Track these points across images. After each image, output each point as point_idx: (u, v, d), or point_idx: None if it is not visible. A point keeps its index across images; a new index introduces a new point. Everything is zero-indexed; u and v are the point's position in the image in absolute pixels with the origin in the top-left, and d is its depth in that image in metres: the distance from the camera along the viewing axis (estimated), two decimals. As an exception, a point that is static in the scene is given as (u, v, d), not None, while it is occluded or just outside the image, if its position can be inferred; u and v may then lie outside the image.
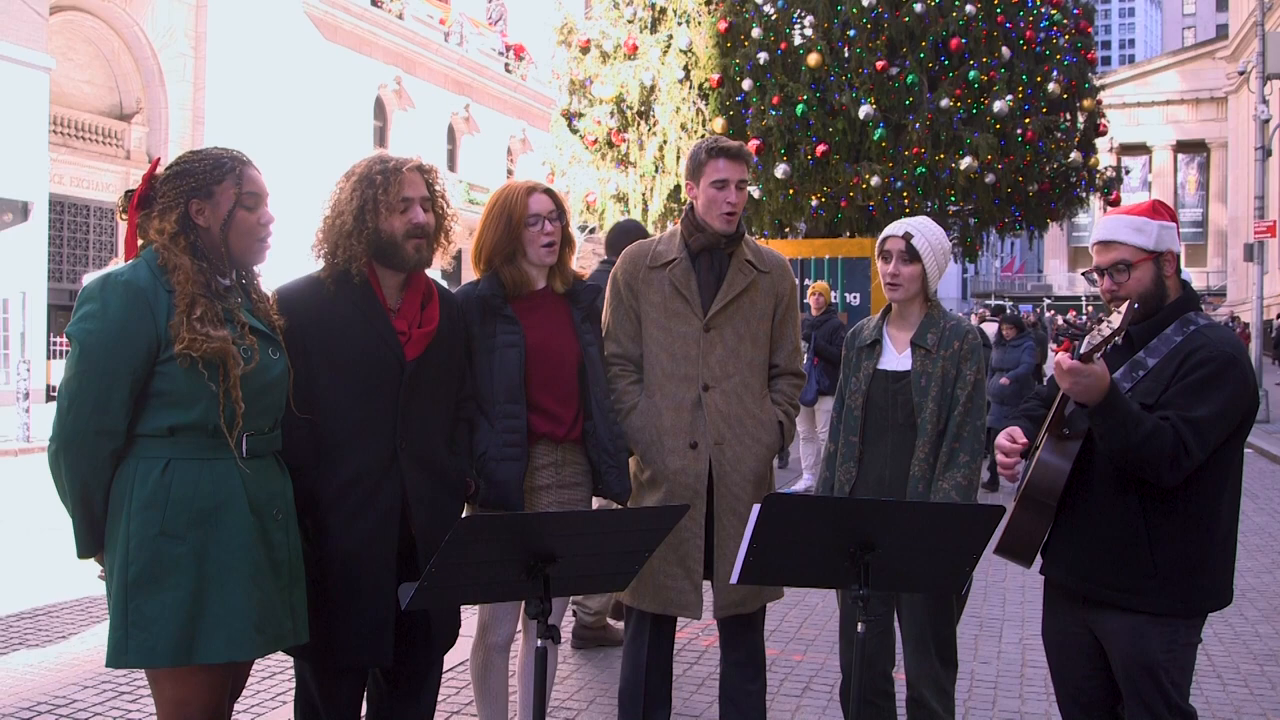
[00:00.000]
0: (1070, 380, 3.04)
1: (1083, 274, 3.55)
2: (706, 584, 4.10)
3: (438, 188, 3.62)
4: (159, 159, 3.34)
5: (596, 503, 4.28)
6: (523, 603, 3.95)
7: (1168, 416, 3.07)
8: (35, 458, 14.52)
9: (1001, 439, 3.41)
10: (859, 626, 2.90)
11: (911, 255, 3.95)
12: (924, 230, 3.99)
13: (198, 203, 3.05)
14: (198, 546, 2.93)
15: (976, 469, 3.94)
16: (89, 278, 16.19)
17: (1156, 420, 3.05)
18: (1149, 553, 3.16)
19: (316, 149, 28.22)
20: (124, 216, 3.13)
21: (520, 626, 4.31)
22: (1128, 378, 3.22)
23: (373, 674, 3.67)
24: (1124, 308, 3.14)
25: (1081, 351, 3.06)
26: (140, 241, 3.10)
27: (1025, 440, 3.38)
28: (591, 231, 22.20)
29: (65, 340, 20.21)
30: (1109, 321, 3.18)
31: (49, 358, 22.49)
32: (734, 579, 2.90)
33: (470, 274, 4.22)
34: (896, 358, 4.03)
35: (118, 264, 3.18)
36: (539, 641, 2.75)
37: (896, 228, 4.01)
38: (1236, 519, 3.29)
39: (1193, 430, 3.04)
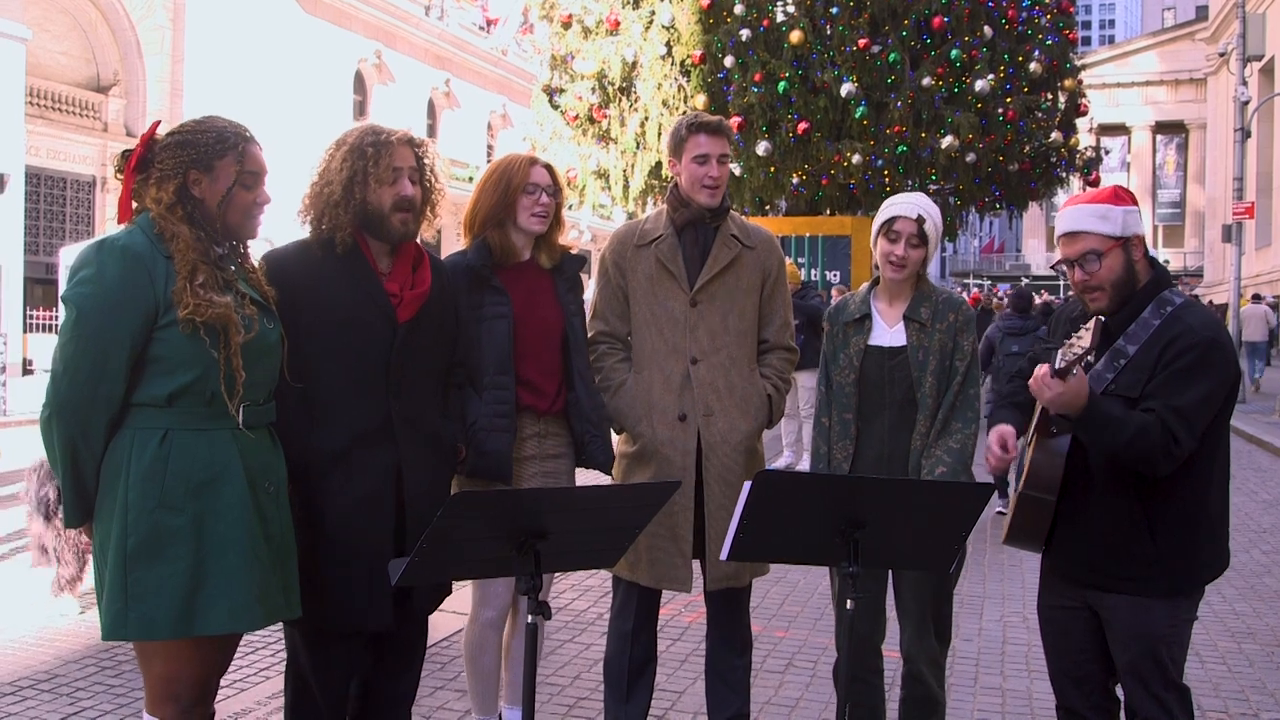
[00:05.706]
0: (1049, 396, 3.06)
1: (1052, 267, 3.53)
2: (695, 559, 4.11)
3: (427, 160, 3.60)
4: (159, 121, 3.30)
5: (578, 474, 4.28)
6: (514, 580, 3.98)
7: (1153, 408, 3.07)
8: (12, 431, 14.42)
9: (993, 442, 3.37)
10: (848, 603, 2.89)
11: (921, 239, 3.90)
12: (932, 214, 3.93)
13: (196, 174, 3.02)
14: (196, 518, 2.92)
15: (971, 436, 3.92)
16: (66, 251, 16.12)
17: (1142, 417, 3.05)
18: (1150, 541, 3.17)
19: (296, 123, 28.01)
20: (119, 177, 3.08)
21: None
22: (1109, 367, 3.20)
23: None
24: (1092, 324, 3.16)
25: (1058, 368, 3.03)
26: (135, 204, 3.06)
27: (1015, 450, 3.36)
28: (570, 208, 22.13)
29: (41, 313, 20.15)
30: (1079, 337, 3.19)
31: (25, 331, 22.34)
32: (724, 556, 2.89)
33: (451, 249, 4.20)
34: (888, 332, 3.99)
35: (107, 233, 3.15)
36: (529, 617, 2.75)
37: (908, 209, 3.91)
38: (1228, 492, 3.30)
39: (1180, 418, 3.04)
